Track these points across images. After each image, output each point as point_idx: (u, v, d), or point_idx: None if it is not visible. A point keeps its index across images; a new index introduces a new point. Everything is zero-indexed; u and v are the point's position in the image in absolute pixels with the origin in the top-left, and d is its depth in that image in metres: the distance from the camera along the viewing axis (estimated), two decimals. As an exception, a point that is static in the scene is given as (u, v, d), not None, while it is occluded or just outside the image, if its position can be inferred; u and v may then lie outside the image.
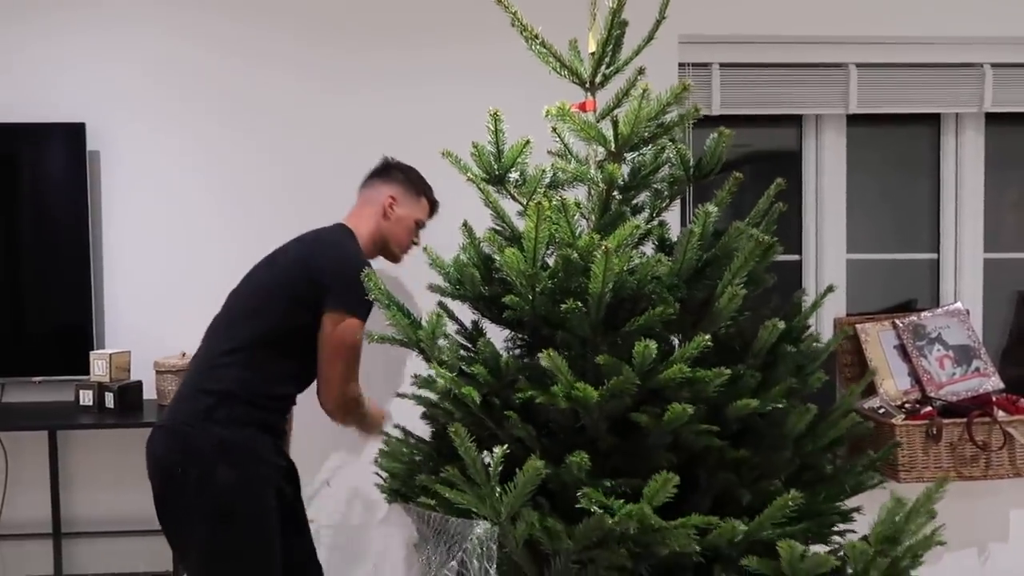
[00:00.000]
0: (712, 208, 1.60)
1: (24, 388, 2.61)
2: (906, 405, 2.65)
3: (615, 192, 1.70)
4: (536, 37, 1.75)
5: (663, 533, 1.40)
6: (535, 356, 1.74)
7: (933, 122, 2.98)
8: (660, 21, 1.74)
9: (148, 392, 2.56)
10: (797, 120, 2.95)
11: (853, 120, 2.93)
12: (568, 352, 1.55)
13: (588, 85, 1.79)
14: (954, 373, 2.69)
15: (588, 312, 1.52)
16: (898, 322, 2.75)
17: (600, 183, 1.68)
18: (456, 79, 2.68)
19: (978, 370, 2.69)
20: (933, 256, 3.00)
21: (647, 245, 1.82)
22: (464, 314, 1.91)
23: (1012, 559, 2.76)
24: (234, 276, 2.08)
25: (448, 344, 1.71)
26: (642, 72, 1.72)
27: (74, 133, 2.58)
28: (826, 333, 2.85)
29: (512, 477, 1.45)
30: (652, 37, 1.75)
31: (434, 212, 2.29)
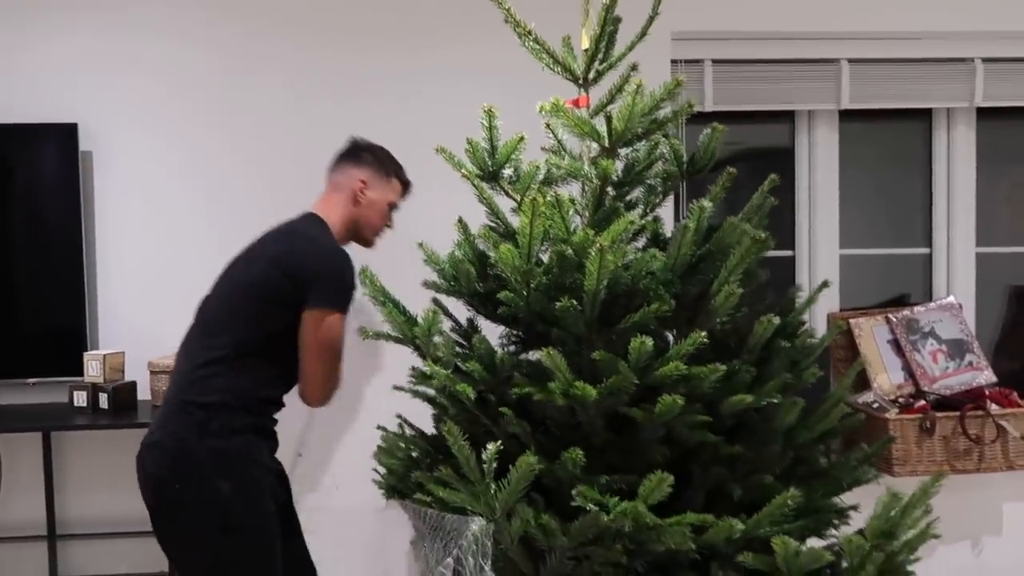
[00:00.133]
0: (706, 203, 1.60)
1: (18, 390, 2.60)
2: (900, 399, 2.66)
3: (609, 188, 1.71)
4: (529, 34, 1.75)
5: (658, 531, 1.40)
6: (530, 352, 1.75)
7: (925, 117, 2.99)
8: (653, 17, 1.75)
9: (142, 393, 2.55)
10: (790, 116, 2.96)
11: (845, 116, 2.93)
12: (563, 348, 1.55)
13: (581, 81, 1.80)
14: (947, 367, 2.70)
15: (583, 309, 1.52)
16: (891, 317, 2.76)
17: (594, 179, 1.69)
18: (449, 79, 2.68)
19: (971, 364, 2.70)
20: (926, 251, 3.01)
21: (641, 241, 1.82)
22: (459, 311, 1.91)
23: (1005, 552, 2.77)
24: (228, 276, 2.07)
25: (443, 341, 1.71)
26: (635, 68, 1.73)
27: (67, 134, 2.57)
28: (820, 328, 2.86)
29: (508, 474, 1.45)
30: (645, 33, 1.76)
31: (407, 192, 2.17)
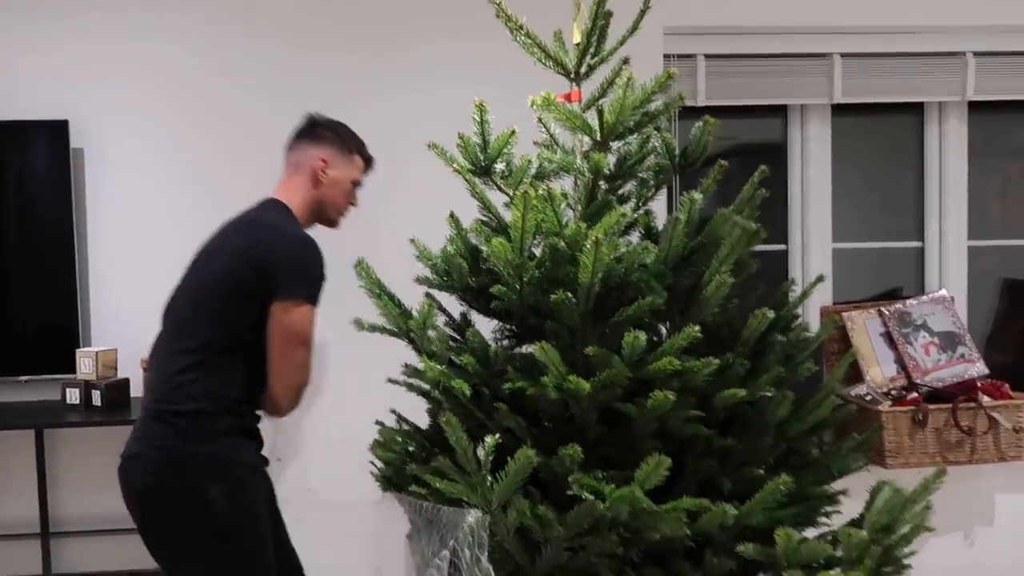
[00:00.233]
0: (698, 195, 1.61)
1: (10, 387, 2.59)
2: (892, 392, 2.68)
3: (601, 181, 1.71)
4: (521, 28, 1.75)
5: (654, 518, 1.41)
6: (523, 346, 1.75)
7: (917, 111, 3.00)
8: (644, 11, 1.75)
9: (135, 389, 2.54)
10: (782, 111, 2.97)
11: (838, 110, 2.94)
12: (557, 342, 1.55)
13: (573, 76, 1.80)
14: (939, 359, 2.71)
15: (577, 302, 1.52)
16: (884, 310, 2.77)
17: (586, 173, 1.69)
18: (441, 74, 2.67)
19: (963, 356, 2.71)
20: (918, 244, 3.02)
21: (633, 234, 1.82)
22: (452, 306, 1.91)
23: (997, 543, 2.79)
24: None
25: (437, 335, 1.71)
26: (627, 62, 1.72)
27: (57, 130, 2.56)
28: (812, 322, 2.87)
29: (502, 467, 1.46)
30: (636, 27, 1.76)
31: (369, 169, 2.07)
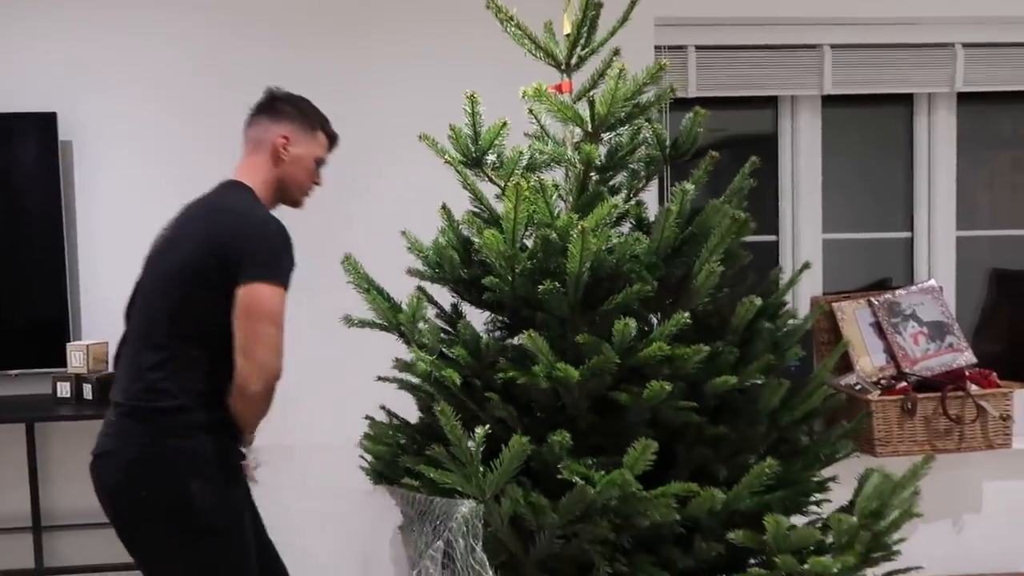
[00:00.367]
0: (689, 186, 1.62)
1: (0, 382, 2.58)
2: (882, 381, 2.70)
3: (592, 173, 1.71)
4: (511, 19, 1.75)
5: (644, 503, 1.42)
6: (515, 337, 1.76)
7: (906, 102, 3.01)
8: (635, 2, 1.75)
9: (127, 383, 2.54)
10: (773, 102, 2.98)
11: (828, 101, 2.95)
12: (548, 332, 1.56)
13: (564, 67, 1.80)
14: (928, 349, 2.73)
15: (567, 292, 1.53)
16: (873, 300, 2.79)
17: (577, 164, 1.69)
18: (432, 66, 2.67)
19: (951, 346, 2.73)
20: (907, 235, 3.04)
21: (625, 225, 1.83)
22: (443, 297, 1.91)
23: (985, 529, 2.82)
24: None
25: (428, 327, 1.71)
26: (617, 53, 1.73)
27: (45, 123, 2.54)
28: (803, 313, 2.88)
29: (494, 458, 1.46)
30: (627, 18, 1.76)
31: (333, 146, 1.96)
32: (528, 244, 1.64)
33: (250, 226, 1.72)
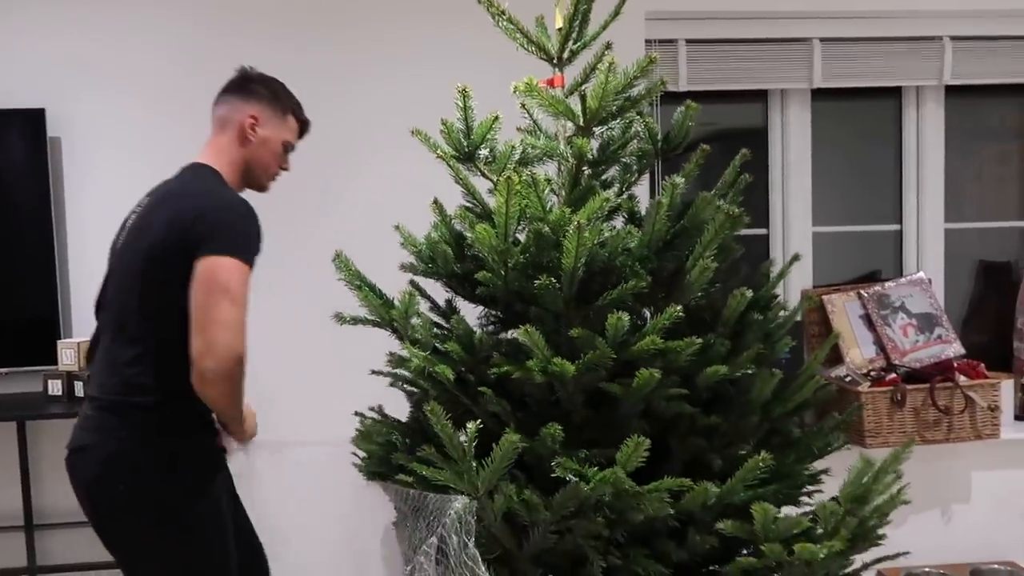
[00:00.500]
0: (679, 179, 1.62)
1: (-10, 380, 2.58)
2: (871, 373, 2.72)
3: (585, 167, 1.71)
4: (503, 14, 1.75)
5: (637, 498, 1.43)
6: (509, 332, 1.76)
7: (895, 95, 3.03)
8: (626, -4, 1.75)
9: (118, 380, 2.53)
10: (763, 95, 2.98)
11: (817, 94, 2.96)
12: (542, 327, 1.56)
13: (556, 61, 1.80)
14: (917, 340, 2.75)
15: (561, 287, 1.53)
16: (863, 292, 2.81)
17: (570, 158, 1.69)
18: (424, 61, 2.67)
19: (940, 337, 2.75)
20: (896, 227, 3.06)
21: (617, 219, 1.83)
22: (437, 292, 1.91)
23: (973, 519, 2.85)
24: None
25: (421, 322, 1.71)
26: (609, 47, 1.73)
27: (33, 119, 2.53)
28: (794, 306, 2.90)
29: (487, 453, 1.47)
30: (618, 12, 1.76)
31: (304, 132, 1.91)
32: (521, 238, 1.64)
33: (214, 208, 1.66)
